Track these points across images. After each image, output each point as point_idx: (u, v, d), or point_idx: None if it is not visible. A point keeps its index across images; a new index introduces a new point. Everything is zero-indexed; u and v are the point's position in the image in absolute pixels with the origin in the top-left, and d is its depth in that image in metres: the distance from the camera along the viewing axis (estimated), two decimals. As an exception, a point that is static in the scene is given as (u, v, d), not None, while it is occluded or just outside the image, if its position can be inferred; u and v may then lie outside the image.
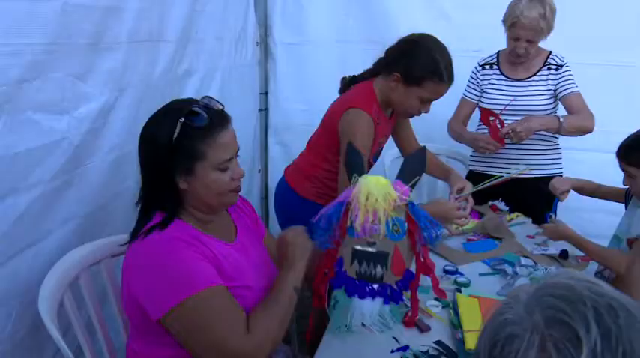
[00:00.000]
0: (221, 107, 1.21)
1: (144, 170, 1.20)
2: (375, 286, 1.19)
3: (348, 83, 1.94)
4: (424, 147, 1.23)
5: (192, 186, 1.18)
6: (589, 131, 2.21)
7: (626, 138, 1.80)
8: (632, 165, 1.75)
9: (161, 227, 1.15)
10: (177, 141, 1.13)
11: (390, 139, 2.12)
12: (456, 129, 2.44)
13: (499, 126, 2.18)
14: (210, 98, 1.21)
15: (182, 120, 1.12)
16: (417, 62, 1.73)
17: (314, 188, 1.95)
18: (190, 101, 1.19)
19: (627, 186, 1.85)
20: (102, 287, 1.46)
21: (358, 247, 1.18)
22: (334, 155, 1.85)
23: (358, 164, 1.21)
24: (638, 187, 1.77)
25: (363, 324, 1.28)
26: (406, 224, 1.14)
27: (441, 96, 1.79)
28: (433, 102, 1.84)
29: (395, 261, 1.15)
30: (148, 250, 1.14)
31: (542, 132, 2.25)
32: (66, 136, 1.43)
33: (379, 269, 1.16)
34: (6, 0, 1.18)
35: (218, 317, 1.12)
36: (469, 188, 1.88)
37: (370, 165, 1.95)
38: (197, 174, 1.16)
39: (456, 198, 1.85)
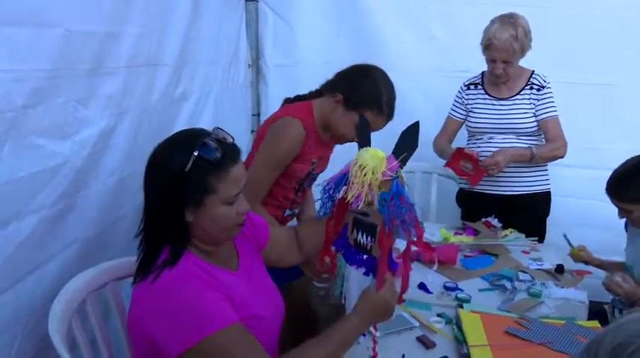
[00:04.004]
0: (232, 140, 1.20)
1: (151, 200, 1.17)
2: (365, 257, 1.20)
3: (290, 102, 1.91)
4: (417, 122, 1.19)
5: (199, 218, 1.16)
6: (560, 158, 2.33)
7: (611, 176, 1.70)
8: (624, 201, 1.66)
9: (171, 263, 1.13)
10: (189, 173, 1.11)
11: None
12: (440, 145, 2.50)
13: (470, 169, 2.29)
14: (221, 129, 1.20)
15: (196, 153, 1.11)
16: (362, 88, 1.72)
17: (273, 207, 1.89)
18: (202, 132, 1.18)
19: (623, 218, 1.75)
20: (106, 308, 1.46)
21: (358, 216, 1.20)
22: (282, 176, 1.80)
23: (364, 135, 1.20)
24: (636, 218, 1.68)
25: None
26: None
27: (377, 129, 1.71)
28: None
29: (381, 235, 1.15)
30: (163, 292, 1.11)
31: None
32: (68, 160, 1.43)
33: (369, 241, 1.17)
34: (10, 27, 1.19)
35: (241, 354, 1.11)
36: None
37: (300, 186, 1.89)
38: (206, 207, 1.15)
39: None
